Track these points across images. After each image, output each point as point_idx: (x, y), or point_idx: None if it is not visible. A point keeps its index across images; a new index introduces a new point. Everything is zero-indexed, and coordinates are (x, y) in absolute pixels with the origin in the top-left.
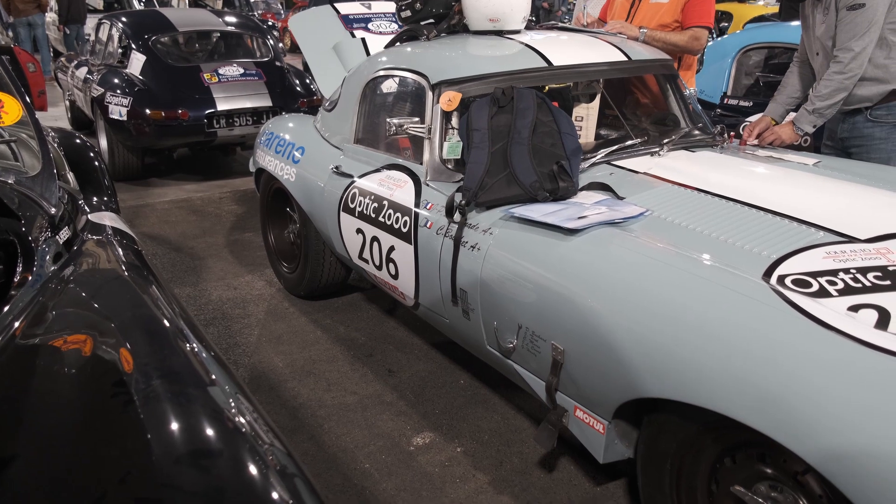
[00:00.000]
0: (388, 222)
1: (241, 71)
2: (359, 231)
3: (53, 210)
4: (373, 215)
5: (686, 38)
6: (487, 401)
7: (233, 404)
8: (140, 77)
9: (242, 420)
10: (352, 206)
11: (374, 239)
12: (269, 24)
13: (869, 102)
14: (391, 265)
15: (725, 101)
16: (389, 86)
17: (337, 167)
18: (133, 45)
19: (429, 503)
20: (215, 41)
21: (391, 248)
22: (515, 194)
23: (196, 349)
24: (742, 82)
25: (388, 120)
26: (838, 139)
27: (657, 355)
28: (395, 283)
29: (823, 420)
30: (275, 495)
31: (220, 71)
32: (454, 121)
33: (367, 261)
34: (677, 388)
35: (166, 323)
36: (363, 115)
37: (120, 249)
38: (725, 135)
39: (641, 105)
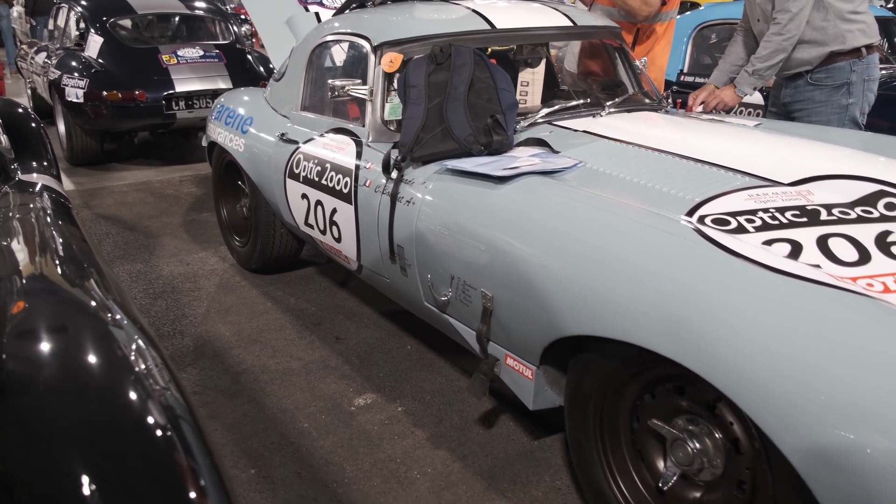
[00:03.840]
0: (330, 185)
1: (201, 53)
2: (304, 196)
3: None
4: (316, 179)
5: (637, 2)
6: (432, 364)
7: (133, 347)
8: (97, 59)
9: (138, 360)
10: (297, 171)
11: (318, 203)
12: (242, 17)
13: (809, 66)
14: (334, 228)
15: (682, 79)
16: (335, 51)
17: (283, 134)
18: (90, 28)
19: (365, 458)
20: (176, 24)
21: (333, 211)
22: (451, 149)
23: (102, 294)
24: (699, 60)
25: (330, 82)
26: (781, 104)
27: (577, 293)
28: (338, 246)
29: (731, 344)
30: (158, 432)
31: (179, 52)
32: (396, 82)
33: (312, 226)
34: (595, 323)
35: (76, 266)
36: (309, 83)
37: (47, 200)
38: (670, 100)
39: (588, 71)
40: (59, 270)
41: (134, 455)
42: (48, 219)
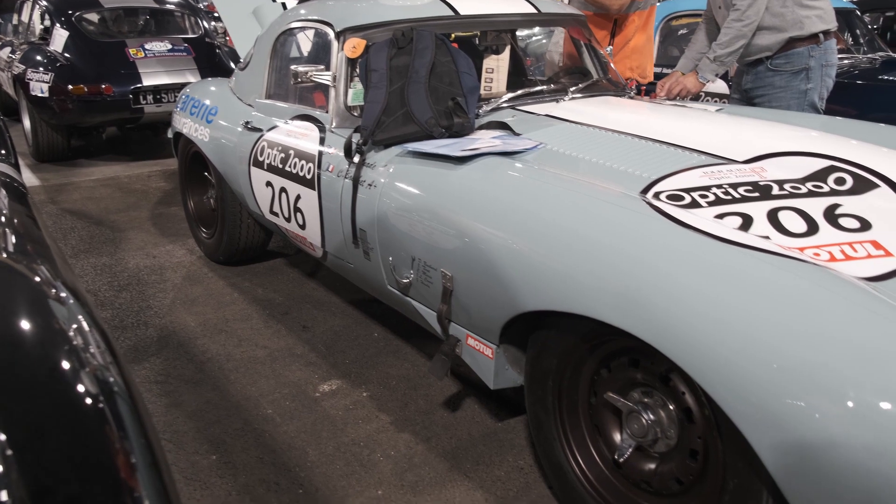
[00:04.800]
0: (294, 171)
1: (169, 46)
2: (268, 184)
3: None
4: (280, 166)
5: None
6: (399, 350)
7: (73, 325)
8: (62, 53)
9: (76, 336)
10: (261, 159)
11: (283, 190)
12: (215, 15)
13: (769, 52)
14: (298, 215)
15: None
16: (299, 39)
17: (247, 123)
18: (55, 22)
19: (329, 442)
20: (144, 18)
21: (297, 198)
22: (412, 132)
23: (49, 273)
24: (667, 51)
25: (293, 68)
26: (743, 90)
27: (533, 269)
28: (303, 233)
29: (681, 313)
30: (87, 402)
31: (147, 46)
32: (358, 67)
33: (277, 214)
34: (552, 298)
35: (26, 246)
36: (274, 71)
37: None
38: (635, 87)
39: (561, 59)
40: (7, 247)
41: (57, 423)
42: (3, 200)
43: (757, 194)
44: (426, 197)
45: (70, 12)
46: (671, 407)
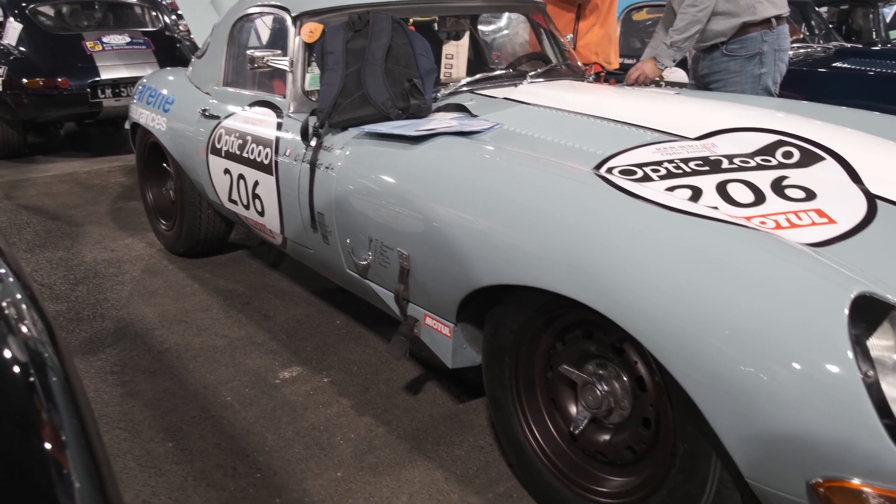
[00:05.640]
0: (252, 157)
1: (128, 39)
2: (226, 171)
3: None
4: (238, 152)
5: None
6: (361, 337)
7: (8, 299)
8: (16, 46)
9: (9, 307)
10: (219, 146)
11: (241, 177)
12: (178, 13)
13: (724, 37)
14: (257, 201)
15: None
16: (256, 25)
17: (205, 110)
18: (9, 15)
19: (288, 427)
20: (103, 12)
21: (255, 184)
22: (368, 114)
23: None
24: (629, 43)
25: (249, 53)
26: (700, 76)
27: (489, 244)
28: (262, 220)
29: (631, 281)
30: (15, 370)
31: (105, 39)
32: (314, 51)
33: (236, 202)
34: (507, 272)
35: None
36: (231, 58)
37: None
38: (601, 73)
39: (513, 43)
40: None
41: None
42: None
43: (707, 168)
44: (382, 177)
45: (24, 5)
46: (624, 378)
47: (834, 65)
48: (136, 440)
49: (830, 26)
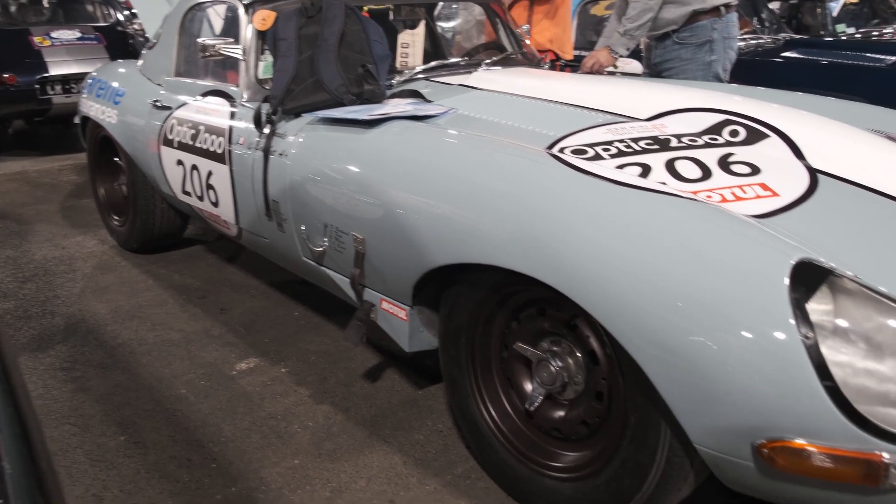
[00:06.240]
0: (205, 147)
1: (78, 35)
2: (179, 163)
3: None
4: (190, 142)
5: None
6: (319, 327)
7: None
8: None
9: None
10: (171, 137)
11: (194, 168)
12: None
13: (675, 25)
14: (211, 192)
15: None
16: (207, 13)
17: (156, 101)
18: None
19: (244, 418)
20: (52, 7)
21: (209, 174)
22: (322, 99)
23: None
24: (585, 36)
25: (200, 41)
26: (653, 65)
27: (442, 224)
28: (217, 211)
29: (584, 257)
30: None
31: (53, 34)
32: (267, 38)
33: (189, 194)
34: (460, 251)
35: None
36: (183, 48)
37: None
38: (556, 60)
39: (470, 33)
40: None
41: None
42: None
43: (657, 147)
44: (337, 162)
45: None
46: (578, 353)
47: (784, 55)
48: (86, 435)
49: (782, 20)
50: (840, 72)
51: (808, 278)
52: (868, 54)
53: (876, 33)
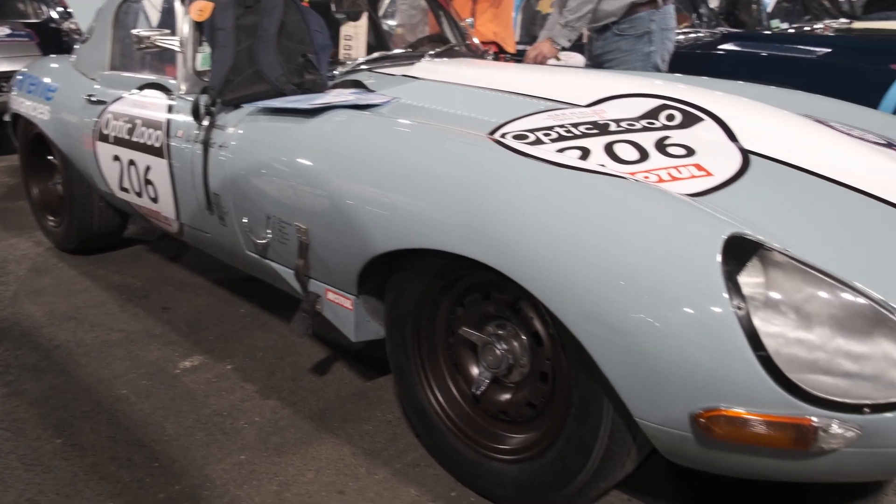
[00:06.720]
0: (142, 141)
1: (8, 31)
2: (116, 158)
3: None
4: (127, 137)
5: None
6: (266, 324)
7: None
8: None
9: None
10: (106, 132)
11: (131, 163)
12: (69, 10)
13: (615, 17)
14: (150, 187)
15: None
16: (142, 5)
17: (90, 96)
18: None
19: (188, 416)
20: None
21: (147, 169)
22: (262, 90)
23: None
24: (529, 30)
25: (134, 33)
26: (594, 56)
27: (384, 210)
28: (156, 207)
29: (526, 238)
30: None
31: None
32: (205, 30)
33: (127, 190)
34: (403, 236)
35: None
36: (117, 41)
37: None
38: (497, 53)
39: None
40: None
41: None
42: None
43: (596, 131)
44: (277, 152)
45: None
46: (522, 336)
47: (721, 47)
48: (20, 439)
49: (720, 16)
50: (774, 63)
51: (740, 252)
52: (800, 46)
53: (808, 28)
